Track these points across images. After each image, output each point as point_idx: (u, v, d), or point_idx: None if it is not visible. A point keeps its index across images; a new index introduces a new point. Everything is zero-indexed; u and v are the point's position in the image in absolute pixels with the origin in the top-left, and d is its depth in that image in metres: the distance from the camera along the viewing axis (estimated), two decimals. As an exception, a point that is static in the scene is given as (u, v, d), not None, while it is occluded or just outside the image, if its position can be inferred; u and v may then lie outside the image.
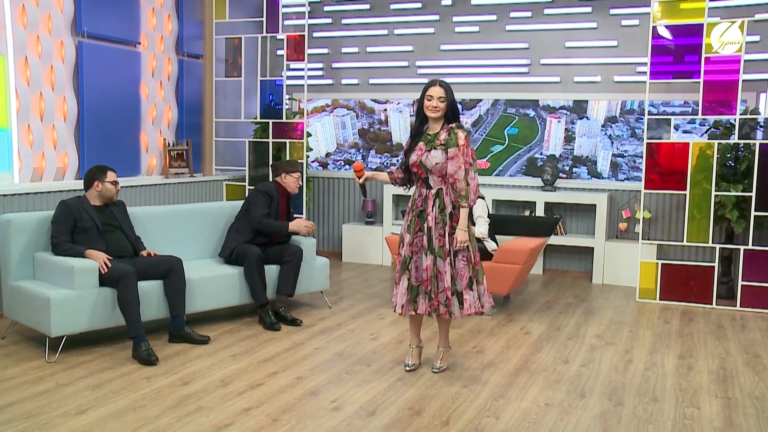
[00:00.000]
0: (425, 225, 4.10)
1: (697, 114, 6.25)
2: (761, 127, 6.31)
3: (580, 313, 5.92)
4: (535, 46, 7.46)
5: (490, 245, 5.78)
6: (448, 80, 7.40)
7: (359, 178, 4.31)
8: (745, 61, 5.87)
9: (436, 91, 4.04)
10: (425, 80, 7.67)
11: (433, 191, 4.09)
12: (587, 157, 7.36)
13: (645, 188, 6.28)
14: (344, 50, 8.25)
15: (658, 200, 6.97)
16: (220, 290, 5.26)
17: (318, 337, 5.08)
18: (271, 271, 5.48)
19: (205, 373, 4.28)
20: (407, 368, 4.38)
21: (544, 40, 7.42)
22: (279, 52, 8.32)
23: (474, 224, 5.69)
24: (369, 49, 8.13)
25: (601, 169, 7.28)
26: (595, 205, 7.06)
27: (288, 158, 7.43)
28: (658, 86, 6.74)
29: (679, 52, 6.19)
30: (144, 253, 4.99)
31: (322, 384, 4.13)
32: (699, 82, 6.03)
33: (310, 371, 4.36)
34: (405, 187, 4.38)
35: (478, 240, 5.70)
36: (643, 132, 6.82)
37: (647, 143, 6.21)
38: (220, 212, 5.84)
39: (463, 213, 4.09)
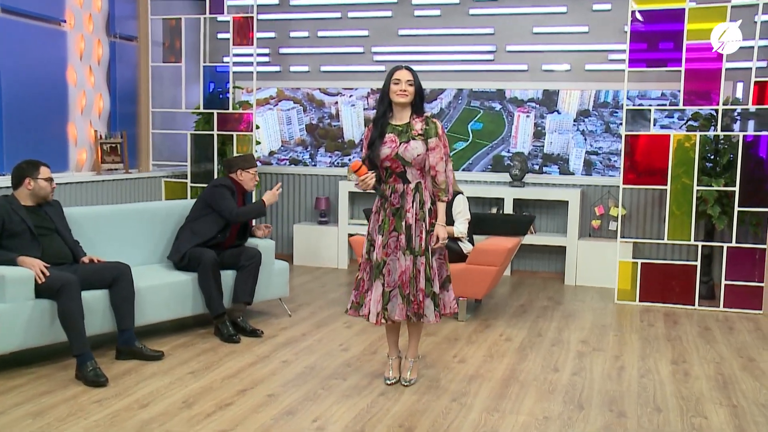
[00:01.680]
0: (403, 223, 4.01)
1: (677, 105, 6.31)
2: (739, 116, 6.41)
3: (558, 316, 5.91)
4: (500, 32, 7.43)
5: (466, 246, 5.70)
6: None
7: (361, 178, 4.00)
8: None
9: (404, 74, 3.98)
10: (382, 68, 7.66)
11: (412, 186, 4.01)
12: (558, 155, 7.37)
13: (623, 183, 6.30)
14: (293, 34, 8.06)
15: (632, 196, 7.03)
16: (171, 299, 5.02)
17: (283, 350, 4.91)
18: (227, 277, 5.28)
19: (164, 393, 4.05)
20: (388, 382, 4.27)
21: (510, 26, 7.40)
22: (220, 36, 8.06)
23: (453, 222, 5.61)
24: (320, 34, 7.96)
25: (573, 168, 7.30)
26: (567, 202, 7.08)
27: (235, 153, 7.19)
28: (632, 75, 6.74)
29: (654, 39, 6.24)
30: (85, 259, 4.71)
31: (297, 402, 3.96)
32: (680, 71, 6.07)
33: (282, 388, 4.18)
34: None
35: (455, 240, 5.61)
36: (620, 125, 6.86)
37: (625, 136, 6.23)
38: (170, 212, 5.60)
39: (442, 207, 4.08)
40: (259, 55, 7.74)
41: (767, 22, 6.42)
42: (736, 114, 6.41)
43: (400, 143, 3.95)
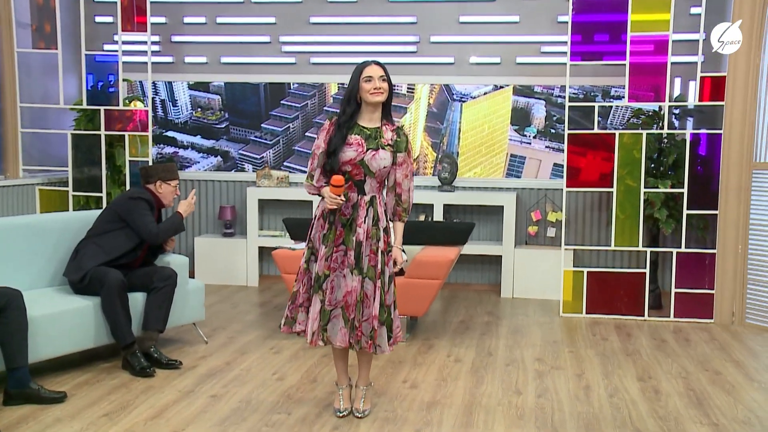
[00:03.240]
0: (353, 238, 3.90)
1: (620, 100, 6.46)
2: (677, 114, 6.62)
3: (504, 333, 5.92)
4: (424, 21, 7.41)
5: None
6: (319, 60, 7.62)
7: (334, 196, 3.84)
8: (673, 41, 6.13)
9: (376, 70, 3.88)
10: (291, 60, 7.55)
11: (367, 198, 3.93)
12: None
13: (567, 186, 6.37)
14: (187, 20, 7.76)
15: (569, 199, 7.14)
16: (71, 329, 4.68)
17: (209, 382, 4.66)
18: (135, 300, 4.97)
19: (80, 442, 3.73)
20: (339, 414, 4.13)
21: (434, 14, 7.39)
22: (98, 19, 7.65)
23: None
24: (220, 20, 7.71)
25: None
26: (501, 207, 7.11)
27: (128, 156, 6.83)
28: (561, 70, 6.93)
29: (594, 31, 6.37)
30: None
31: (243, 444, 3.74)
32: (624, 65, 6.21)
33: (219, 427, 3.95)
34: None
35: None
36: (563, 123, 6.94)
37: (569, 134, 6.31)
38: (66, 227, 5.23)
39: (401, 229, 4.05)
40: (143, 42, 7.36)
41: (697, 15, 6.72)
42: (676, 110, 6.61)
43: (368, 149, 3.86)
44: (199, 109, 7.90)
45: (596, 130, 6.33)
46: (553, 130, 7.25)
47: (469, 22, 7.35)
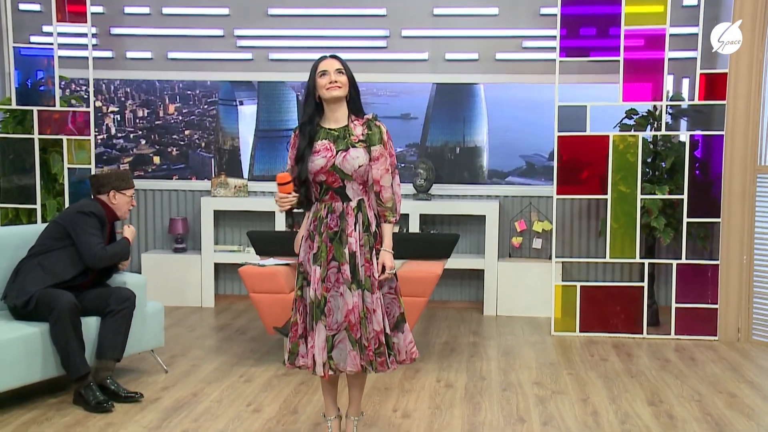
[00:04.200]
0: (345, 250, 3.81)
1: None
2: (671, 114, 6.63)
3: (495, 354, 5.86)
4: (394, 13, 7.33)
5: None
6: (279, 56, 7.53)
7: (282, 195, 3.77)
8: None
9: (331, 63, 3.81)
10: (248, 56, 7.46)
11: (353, 204, 3.84)
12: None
13: (557, 193, 6.34)
14: (129, 10, 7.55)
15: (557, 208, 7.07)
16: (14, 361, 4.46)
17: (177, 416, 4.49)
18: (88, 326, 4.78)
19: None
20: (330, 450, 3.99)
21: (406, 6, 7.32)
22: (23, 7, 7.40)
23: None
24: (166, 11, 7.51)
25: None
26: (483, 216, 7.06)
27: (66, 162, 6.59)
28: (549, 66, 6.93)
29: (578, 24, 6.38)
30: None
31: (227, 488, 3.57)
32: (618, 61, 6.21)
33: (198, 470, 3.76)
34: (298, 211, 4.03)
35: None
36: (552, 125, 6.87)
37: (559, 137, 6.27)
38: (4, 244, 4.97)
39: (389, 230, 3.95)
40: (81, 35, 7.12)
41: (690, 7, 6.78)
42: (670, 110, 6.62)
43: (337, 152, 3.78)
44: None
45: (589, 132, 6.28)
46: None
47: (443, 15, 7.30)
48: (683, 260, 6.26)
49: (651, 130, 6.47)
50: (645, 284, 6.33)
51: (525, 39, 7.24)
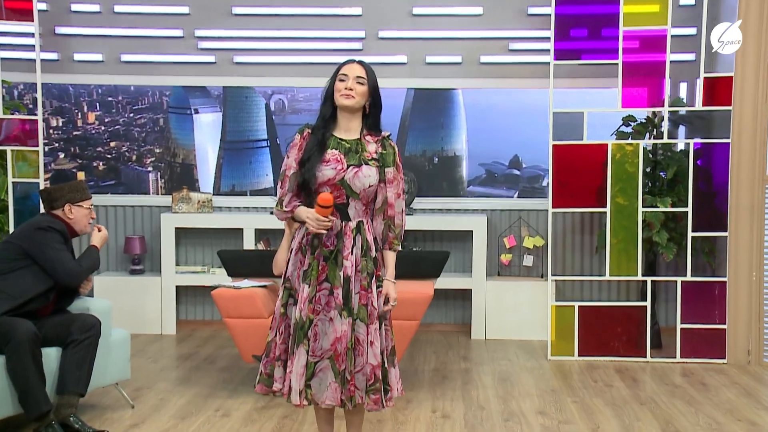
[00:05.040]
0: (340, 273, 3.76)
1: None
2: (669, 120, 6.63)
3: (490, 382, 5.81)
4: (370, 13, 7.26)
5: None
6: (245, 59, 7.42)
7: (324, 219, 3.71)
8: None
9: (353, 69, 3.81)
10: (210, 58, 7.38)
11: (352, 225, 3.80)
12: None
13: (553, 206, 6.31)
14: (76, 7, 7.37)
15: (546, 221, 7.05)
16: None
17: (151, 459, 4.32)
18: (47, 357, 4.62)
19: None
20: (327, 493, 3.90)
21: (383, 5, 7.26)
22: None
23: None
24: (118, 8, 7.35)
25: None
26: (471, 232, 7.02)
27: (10, 175, 6.39)
28: (532, 71, 6.95)
29: (572, 25, 6.40)
30: None
31: None
32: (616, 64, 6.21)
33: None
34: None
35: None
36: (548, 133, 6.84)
37: (554, 146, 6.24)
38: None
39: (393, 258, 3.94)
40: (22, 34, 6.93)
41: (686, 6, 6.84)
42: (670, 118, 6.63)
43: (348, 166, 3.75)
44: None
45: (586, 141, 6.26)
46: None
47: (423, 15, 7.24)
48: (688, 277, 6.25)
49: (649, 138, 6.46)
50: (648, 304, 6.30)
51: (512, 41, 7.21)
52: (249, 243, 6.98)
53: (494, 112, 7.35)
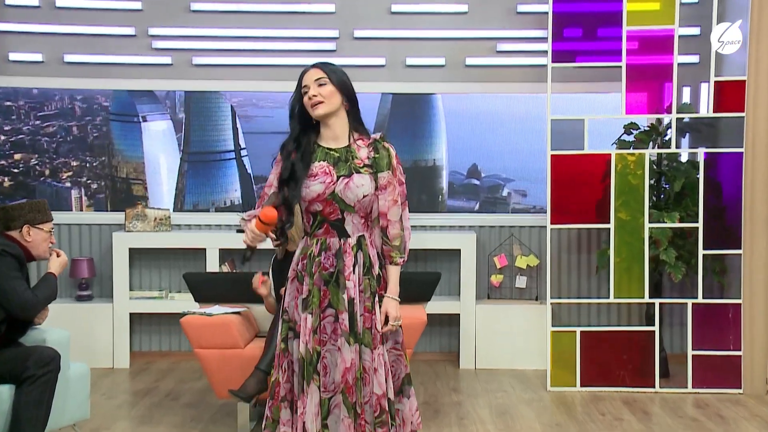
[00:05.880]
0: (343, 296, 3.68)
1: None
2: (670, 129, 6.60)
3: (488, 416, 5.73)
4: (345, 11, 7.22)
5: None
6: (204, 60, 7.31)
7: (257, 237, 3.64)
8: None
9: (309, 76, 3.73)
10: (167, 59, 7.30)
11: (352, 241, 3.73)
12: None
13: (551, 223, 6.25)
14: (11, 1, 7.20)
15: (541, 238, 7.01)
16: None
17: None
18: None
19: None
20: None
21: (358, 2, 7.22)
22: None
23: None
24: (60, 3, 7.20)
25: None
26: (458, 251, 6.96)
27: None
28: (523, 74, 6.92)
29: (570, 24, 6.38)
30: None
31: None
32: (619, 67, 6.19)
33: None
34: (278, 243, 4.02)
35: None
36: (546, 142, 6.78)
37: (552, 156, 6.17)
38: None
39: (395, 273, 3.84)
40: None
41: (688, 5, 6.83)
42: (666, 125, 6.60)
43: (338, 177, 3.68)
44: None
45: (587, 150, 6.20)
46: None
47: (403, 12, 7.21)
48: (699, 299, 6.20)
49: (653, 147, 6.42)
50: (656, 328, 6.23)
51: (500, 41, 7.18)
52: (213, 265, 6.83)
53: (473, 118, 7.33)
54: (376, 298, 3.70)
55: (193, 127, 7.32)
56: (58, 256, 4.87)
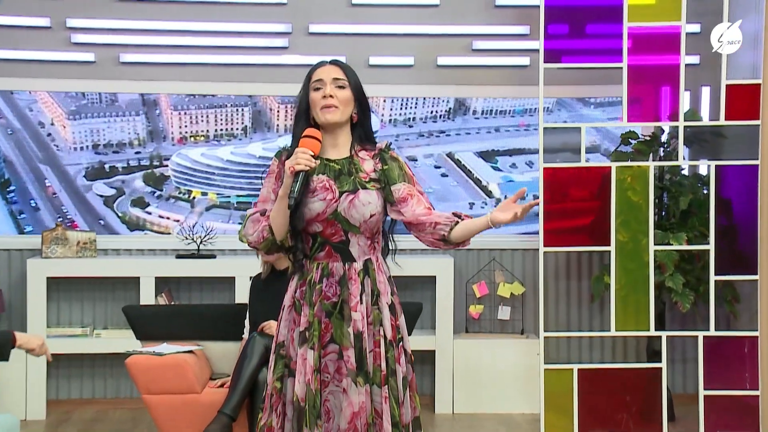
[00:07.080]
0: (348, 330, 3.66)
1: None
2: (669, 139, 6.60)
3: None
4: (299, 3, 7.24)
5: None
6: (137, 58, 7.31)
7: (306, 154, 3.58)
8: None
9: (329, 72, 3.73)
10: (88, 56, 7.32)
11: (358, 266, 3.72)
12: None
13: (545, 245, 6.18)
14: None
15: (524, 262, 7.08)
16: None
17: None
18: None
19: None
20: None
21: (314, -6, 7.28)
22: None
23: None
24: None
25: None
26: (433, 278, 6.93)
27: None
28: (502, 76, 6.97)
29: (561, 20, 6.37)
30: None
31: None
32: (621, 68, 6.14)
33: None
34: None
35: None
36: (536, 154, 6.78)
37: (545, 168, 6.12)
38: None
39: (472, 222, 3.73)
40: None
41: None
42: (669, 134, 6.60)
43: (341, 194, 3.66)
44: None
45: (584, 163, 6.16)
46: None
47: (366, 5, 7.27)
48: (712, 332, 6.16)
49: (653, 159, 6.39)
50: (663, 365, 6.18)
51: (476, 38, 7.24)
52: (147, 296, 6.73)
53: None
54: (387, 332, 3.66)
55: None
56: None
